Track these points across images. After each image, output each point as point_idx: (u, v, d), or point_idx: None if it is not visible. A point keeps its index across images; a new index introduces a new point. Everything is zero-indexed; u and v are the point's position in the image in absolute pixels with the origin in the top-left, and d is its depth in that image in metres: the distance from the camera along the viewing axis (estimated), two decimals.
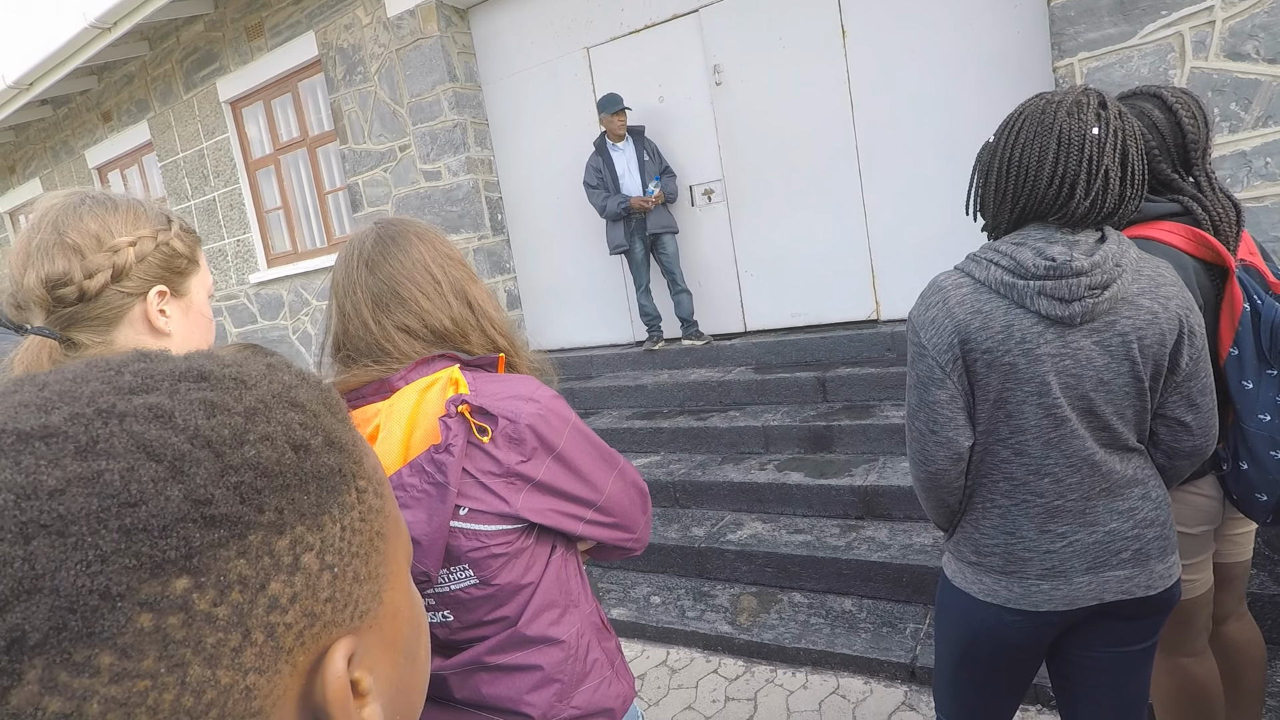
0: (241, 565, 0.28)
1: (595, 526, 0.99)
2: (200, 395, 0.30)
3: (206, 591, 0.27)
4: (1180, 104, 1.36)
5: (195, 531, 0.27)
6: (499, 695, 0.93)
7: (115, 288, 0.85)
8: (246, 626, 0.28)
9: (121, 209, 0.88)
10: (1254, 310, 1.30)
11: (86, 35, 5.70)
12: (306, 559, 0.30)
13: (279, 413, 0.32)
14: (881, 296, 4.23)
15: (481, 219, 5.19)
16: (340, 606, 0.32)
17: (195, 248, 0.96)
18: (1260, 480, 1.32)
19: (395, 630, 0.37)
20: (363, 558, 0.34)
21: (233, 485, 0.28)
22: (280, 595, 0.29)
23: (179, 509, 0.27)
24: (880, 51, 3.98)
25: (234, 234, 6.61)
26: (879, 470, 3.18)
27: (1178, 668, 1.52)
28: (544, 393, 0.95)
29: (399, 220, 1.03)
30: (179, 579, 0.26)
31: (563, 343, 5.40)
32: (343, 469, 0.34)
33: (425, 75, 5.07)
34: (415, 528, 0.87)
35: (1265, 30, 2.84)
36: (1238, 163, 2.97)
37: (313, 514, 0.31)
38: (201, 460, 0.28)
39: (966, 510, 1.24)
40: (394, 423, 0.90)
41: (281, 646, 0.29)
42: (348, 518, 0.33)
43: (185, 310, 0.93)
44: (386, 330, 0.95)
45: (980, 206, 1.23)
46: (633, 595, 3.12)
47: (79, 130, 7.60)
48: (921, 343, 1.16)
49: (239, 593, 0.28)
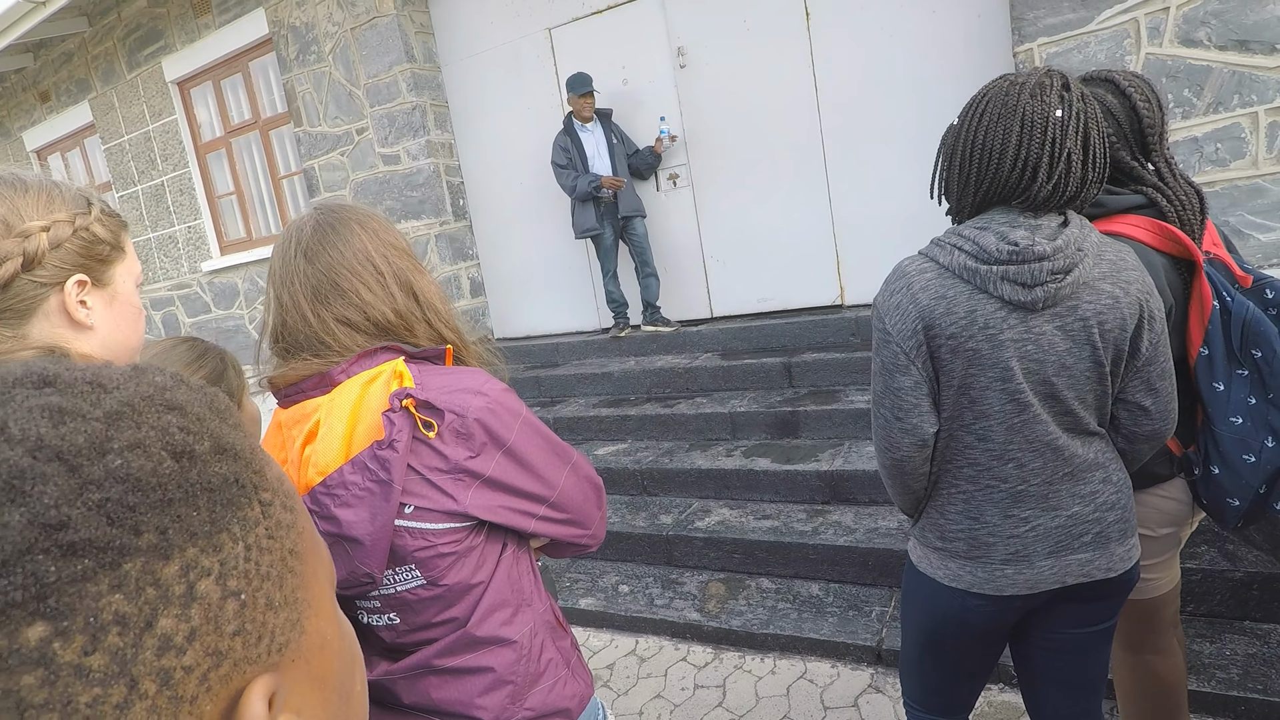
0: (118, 601, 0.23)
1: (548, 523, 0.96)
2: (42, 402, 0.25)
3: (72, 639, 0.22)
4: (1134, 88, 1.32)
5: (48, 564, 0.22)
6: (449, 699, 0.90)
7: (27, 277, 0.78)
8: (132, 676, 0.23)
9: (33, 191, 0.81)
10: (1223, 308, 1.26)
11: (20, 9, 5.41)
12: (203, 586, 0.26)
13: (151, 416, 0.27)
14: (846, 281, 4.24)
15: (443, 204, 5.08)
16: (253, 640, 0.27)
17: (120, 233, 0.88)
18: (1232, 485, 1.27)
19: (324, 664, 0.32)
20: (275, 580, 0.29)
21: (95, 504, 0.24)
22: (173, 633, 0.24)
23: (21, 538, 0.22)
24: (844, 34, 3.96)
25: (185, 220, 6.37)
26: (844, 455, 3.20)
27: (1142, 664, 1.51)
28: (493, 386, 0.91)
29: (340, 207, 0.97)
30: (30, 626, 0.21)
31: (528, 330, 5.34)
32: (239, 479, 0.29)
33: (382, 55, 4.92)
34: (358, 527, 0.83)
35: (1217, 17, 2.89)
36: (1190, 148, 3.03)
37: (206, 533, 0.26)
38: (49, 476, 0.23)
39: (932, 496, 1.24)
40: (335, 418, 0.86)
41: (181, 696, 0.24)
42: (252, 535, 0.28)
43: (109, 301, 0.86)
44: (326, 323, 0.90)
45: (944, 190, 1.22)
46: (601, 584, 3.10)
47: (15, 111, 7.25)
48: (886, 329, 1.15)
49: (117, 635, 0.23)
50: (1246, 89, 2.89)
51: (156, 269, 6.72)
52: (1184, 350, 1.32)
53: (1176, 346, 1.32)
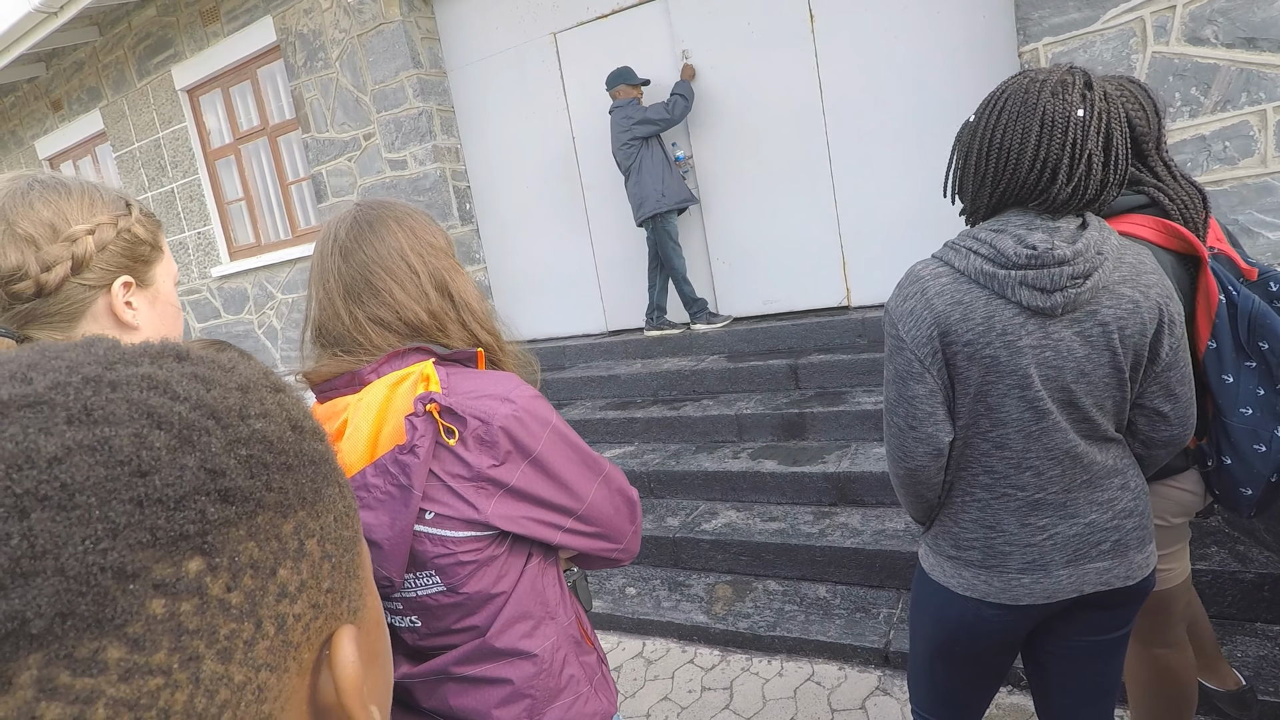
0: (252, 548, 0.25)
1: (576, 536, 0.93)
2: (188, 369, 0.28)
3: (220, 575, 0.24)
4: (1126, 97, 1.32)
5: (210, 505, 0.24)
6: (466, 707, 0.90)
7: (76, 280, 0.78)
8: (259, 616, 0.25)
9: (75, 194, 0.80)
10: (1229, 301, 1.27)
11: (32, 20, 5.46)
12: (310, 545, 0.28)
13: (268, 393, 0.30)
14: (852, 283, 4.24)
15: (449, 208, 5.10)
16: (338, 599, 0.30)
17: (158, 233, 0.89)
18: (1244, 475, 1.30)
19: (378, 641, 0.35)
20: (352, 552, 0.32)
21: (243, 458, 0.26)
22: (289, 582, 0.27)
23: (194, 480, 0.24)
24: (848, 37, 3.96)
25: (194, 226, 6.42)
26: (851, 457, 3.19)
27: (1154, 658, 1.51)
28: (522, 392, 0.89)
29: (379, 204, 0.96)
30: (192, 559, 0.23)
31: (535, 333, 5.35)
32: (329, 458, 0.32)
33: (388, 61, 4.94)
34: (377, 531, 0.82)
35: (1224, 15, 2.88)
36: (1198, 147, 3.01)
37: (310, 500, 0.29)
38: (210, 430, 0.25)
39: (945, 504, 1.22)
40: (361, 418, 0.85)
41: (290, 641, 0.26)
42: (337, 508, 0.31)
43: (152, 301, 0.86)
44: (359, 321, 0.90)
45: (959, 189, 1.18)
46: (608, 587, 3.10)
47: (27, 120, 7.31)
48: (900, 335, 1.12)
49: (251, 577, 0.25)
50: (1254, 87, 2.87)
51: None
52: (1192, 345, 1.33)
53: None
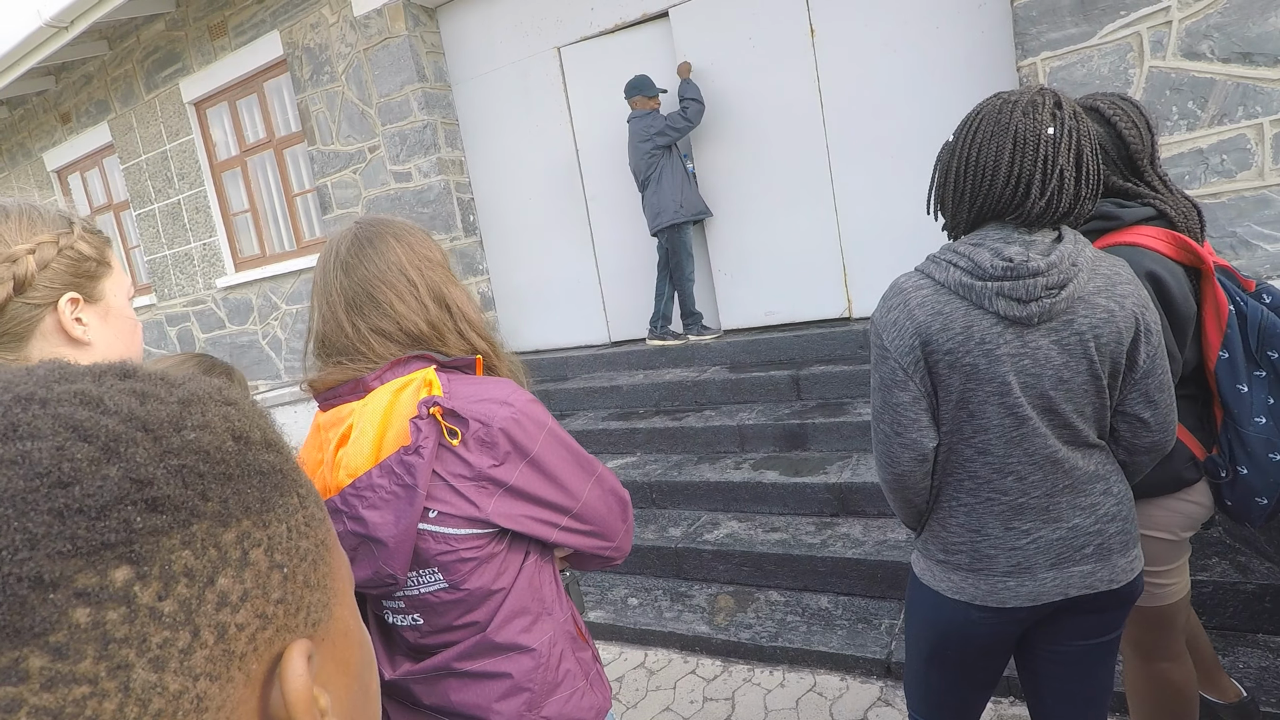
0: (187, 556, 0.26)
1: (571, 534, 0.98)
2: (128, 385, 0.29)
3: (150, 583, 0.25)
4: (1118, 115, 1.35)
5: (136, 515, 0.25)
6: (467, 702, 0.93)
7: (19, 300, 0.81)
8: (195, 625, 0.25)
9: (14, 215, 0.83)
10: (1239, 311, 1.30)
11: (42, 34, 5.55)
12: (255, 555, 0.28)
13: (213, 407, 0.30)
14: (853, 294, 4.26)
15: (453, 220, 5.15)
16: (292, 610, 0.30)
17: (104, 249, 0.91)
18: (1261, 484, 1.32)
19: (347, 651, 0.35)
20: (310, 563, 0.32)
21: (174, 468, 0.27)
22: (230, 591, 0.27)
23: (117, 488, 0.25)
24: (848, 51, 4.01)
25: (200, 238, 6.48)
26: (853, 467, 3.20)
27: (1156, 673, 1.50)
28: (520, 396, 0.94)
29: (378, 221, 1.01)
30: (119, 568, 0.24)
31: (537, 344, 5.38)
32: (283, 469, 0.32)
33: (394, 75, 5.01)
34: (383, 529, 0.86)
35: (1219, 30, 2.91)
36: (1195, 160, 3.04)
37: (257, 510, 0.29)
38: (138, 441, 0.26)
39: (934, 509, 1.25)
40: (366, 423, 0.89)
41: (233, 651, 0.27)
42: (292, 520, 0.31)
43: (104, 315, 0.89)
44: (361, 332, 0.95)
45: (940, 205, 1.24)
46: (610, 597, 3.11)
47: (36, 132, 7.40)
48: (884, 345, 1.17)
49: (185, 586, 0.26)
50: (1251, 100, 2.90)
51: (172, 285, 6.83)
52: (1203, 355, 1.35)
53: (1193, 352, 1.35)
